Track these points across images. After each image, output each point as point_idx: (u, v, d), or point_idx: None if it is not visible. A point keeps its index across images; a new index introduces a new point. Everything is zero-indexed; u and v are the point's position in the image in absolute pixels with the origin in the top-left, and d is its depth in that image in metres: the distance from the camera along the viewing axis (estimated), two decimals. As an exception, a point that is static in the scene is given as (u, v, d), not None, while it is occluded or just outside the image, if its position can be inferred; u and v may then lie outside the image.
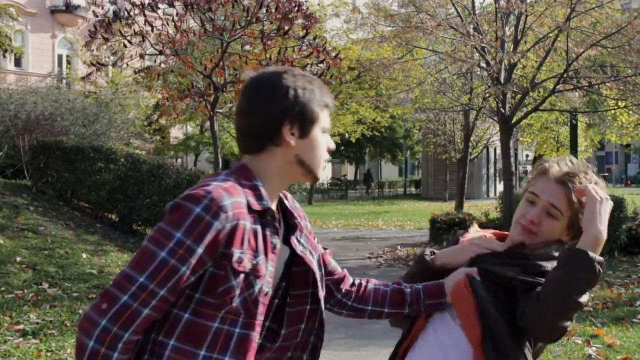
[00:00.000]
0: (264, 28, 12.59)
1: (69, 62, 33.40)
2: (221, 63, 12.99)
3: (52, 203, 12.49)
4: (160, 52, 12.53)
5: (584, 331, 6.70)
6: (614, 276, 9.99)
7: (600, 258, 1.96)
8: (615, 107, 17.13)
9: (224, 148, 29.16)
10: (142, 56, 12.92)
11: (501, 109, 14.09)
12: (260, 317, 1.78)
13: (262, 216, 1.80)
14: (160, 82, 16.33)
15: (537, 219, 2.15)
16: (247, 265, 1.73)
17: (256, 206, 1.78)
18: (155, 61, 15.79)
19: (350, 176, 52.80)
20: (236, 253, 1.71)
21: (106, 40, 12.22)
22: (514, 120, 14.36)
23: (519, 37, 14.06)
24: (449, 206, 23.50)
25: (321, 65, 12.45)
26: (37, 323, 6.66)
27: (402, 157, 46.25)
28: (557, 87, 13.97)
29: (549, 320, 1.97)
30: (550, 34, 13.91)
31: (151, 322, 1.70)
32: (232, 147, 31.41)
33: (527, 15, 13.93)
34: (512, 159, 16.05)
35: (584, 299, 1.96)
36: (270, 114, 1.81)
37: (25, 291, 7.74)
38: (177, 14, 12.39)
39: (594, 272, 1.95)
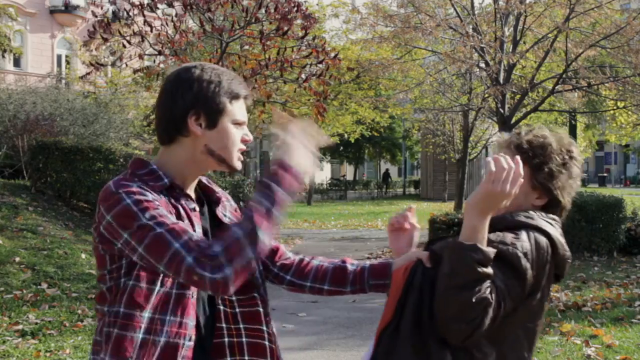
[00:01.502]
0: (263, 28, 12.59)
1: (68, 62, 33.39)
2: (220, 63, 12.99)
3: (51, 203, 12.48)
4: (160, 53, 12.53)
5: (583, 331, 6.70)
6: (613, 276, 9.99)
7: (470, 244, 1.83)
8: (615, 108, 17.16)
9: (223, 148, 29.13)
10: (141, 56, 12.92)
11: (500, 109, 14.10)
12: None
13: (170, 192, 1.91)
14: (160, 83, 16.33)
15: None
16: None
17: (158, 187, 1.89)
18: (154, 61, 15.78)
19: (350, 176, 52.83)
20: None
21: (105, 40, 12.22)
22: (513, 120, 14.37)
23: (518, 38, 14.07)
24: (448, 206, 23.50)
25: (320, 65, 12.45)
26: (36, 323, 6.65)
27: (401, 158, 46.29)
28: (557, 87, 13.99)
29: (441, 320, 1.86)
30: (550, 35, 13.93)
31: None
32: (231, 148, 31.44)
33: (526, 16, 13.95)
34: (511, 160, 16.01)
35: (468, 293, 1.80)
36: (176, 106, 1.91)
37: (24, 291, 7.73)
38: (176, 14, 12.39)
39: (462, 262, 1.82)
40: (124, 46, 12.46)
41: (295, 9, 12.17)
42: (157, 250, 1.75)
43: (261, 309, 2.03)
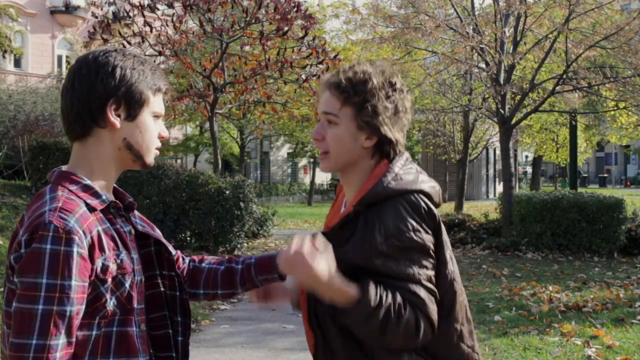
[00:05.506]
0: (263, 29, 12.59)
1: (68, 63, 33.37)
2: (220, 64, 12.99)
3: (51, 204, 12.48)
4: (160, 53, 12.53)
5: (584, 332, 6.70)
6: (613, 277, 9.99)
7: (332, 297, 1.73)
8: (615, 108, 17.15)
9: (223, 149, 29.14)
10: (141, 57, 12.90)
11: (501, 109, 14.09)
12: (138, 307, 1.73)
13: (106, 212, 1.72)
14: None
15: (320, 134, 1.92)
16: (113, 268, 1.65)
17: (98, 205, 1.69)
18: (154, 62, 15.78)
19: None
20: (99, 263, 1.62)
21: (105, 41, 12.22)
22: (514, 121, 14.37)
23: (518, 38, 14.06)
24: (448, 207, 23.49)
25: (320, 66, 12.45)
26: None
27: (402, 158, 46.25)
28: (557, 88, 13.98)
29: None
30: (550, 35, 13.92)
31: None
32: (231, 148, 31.40)
33: (526, 17, 13.94)
34: (512, 160, 16.05)
35: (393, 329, 1.73)
36: (93, 92, 1.70)
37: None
38: (176, 14, 12.39)
39: (362, 327, 1.75)
40: (124, 47, 12.46)
41: (295, 9, 12.18)
42: (19, 325, 1.54)
43: (171, 330, 1.89)
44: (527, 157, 56.14)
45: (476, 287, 9.28)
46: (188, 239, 12.50)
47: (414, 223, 1.80)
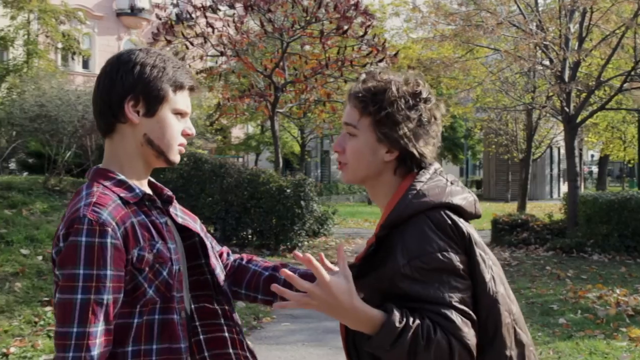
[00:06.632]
0: (323, 28, 12.63)
1: (133, 64, 34.22)
2: (281, 63, 13.09)
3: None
4: (222, 53, 12.71)
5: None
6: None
7: (371, 335, 1.65)
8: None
9: (284, 147, 29.38)
10: (202, 57, 13.13)
11: (565, 108, 13.80)
12: (178, 295, 1.78)
13: (140, 205, 1.78)
14: (222, 83, 16.56)
15: (340, 146, 1.86)
16: (149, 258, 1.71)
17: (131, 199, 1.76)
18: (216, 62, 16.01)
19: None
20: (135, 253, 1.69)
21: (169, 42, 12.46)
22: (579, 119, 14.05)
23: (583, 35, 13.73)
24: (511, 207, 23.12)
25: (381, 64, 12.40)
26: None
27: (463, 157, 45.76)
28: (624, 85, 13.59)
29: None
30: (617, 31, 13.54)
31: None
32: (292, 147, 31.61)
33: (592, 12, 13.59)
34: (577, 159, 15.69)
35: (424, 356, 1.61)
36: (113, 89, 1.77)
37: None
38: (237, 15, 12.54)
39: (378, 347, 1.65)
40: (187, 47, 12.68)
41: (354, 7, 12.17)
42: (61, 314, 1.63)
43: (227, 335, 1.96)
44: (592, 156, 54.80)
45: (540, 289, 9.11)
46: (249, 237, 12.65)
47: (440, 242, 1.68)
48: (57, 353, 1.62)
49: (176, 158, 1.86)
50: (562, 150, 30.18)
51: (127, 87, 1.76)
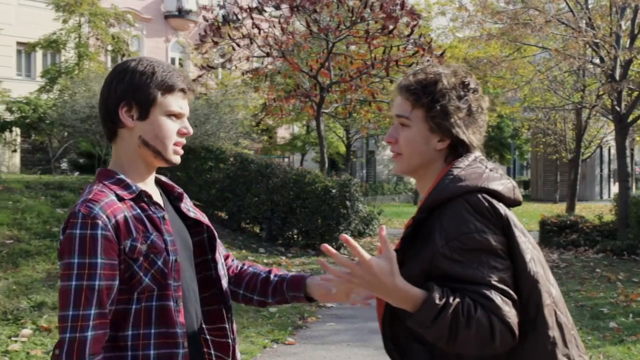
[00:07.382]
0: (369, 28, 12.61)
1: (181, 65, 34.59)
2: (326, 64, 13.12)
3: (165, 201, 12.98)
4: (267, 54, 12.80)
5: None
6: None
7: (412, 312, 1.70)
8: None
9: (329, 148, 29.36)
10: (249, 58, 13.23)
11: (616, 107, 13.52)
12: (175, 284, 1.90)
13: (137, 201, 1.93)
14: (268, 83, 16.66)
15: (393, 137, 1.93)
16: (141, 248, 1.85)
17: (127, 195, 1.91)
18: (262, 63, 16.12)
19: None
20: (127, 244, 1.84)
21: (216, 43, 12.60)
22: (630, 118, 13.76)
23: (635, 32, 13.43)
24: (559, 208, 22.74)
25: (427, 63, 12.33)
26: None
27: (510, 157, 45.16)
28: (678, 83, 13.25)
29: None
30: (671, 28, 13.20)
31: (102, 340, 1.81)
32: (337, 147, 31.59)
33: (645, 9, 13.28)
34: (628, 160, 15.35)
35: (464, 336, 1.66)
36: (109, 97, 1.94)
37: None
38: (283, 16, 12.61)
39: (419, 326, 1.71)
40: (233, 49, 12.81)
41: (400, 6, 12.13)
42: (61, 300, 1.79)
43: (230, 341, 2.11)
44: (644, 156, 53.54)
45: (589, 292, 8.95)
46: (295, 237, 12.71)
47: (477, 223, 1.73)
48: (59, 335, 1.78)
49: (173, 157, 2.00)
50: (613, 150, 29.54)
51: (120, 94, 1.93)
